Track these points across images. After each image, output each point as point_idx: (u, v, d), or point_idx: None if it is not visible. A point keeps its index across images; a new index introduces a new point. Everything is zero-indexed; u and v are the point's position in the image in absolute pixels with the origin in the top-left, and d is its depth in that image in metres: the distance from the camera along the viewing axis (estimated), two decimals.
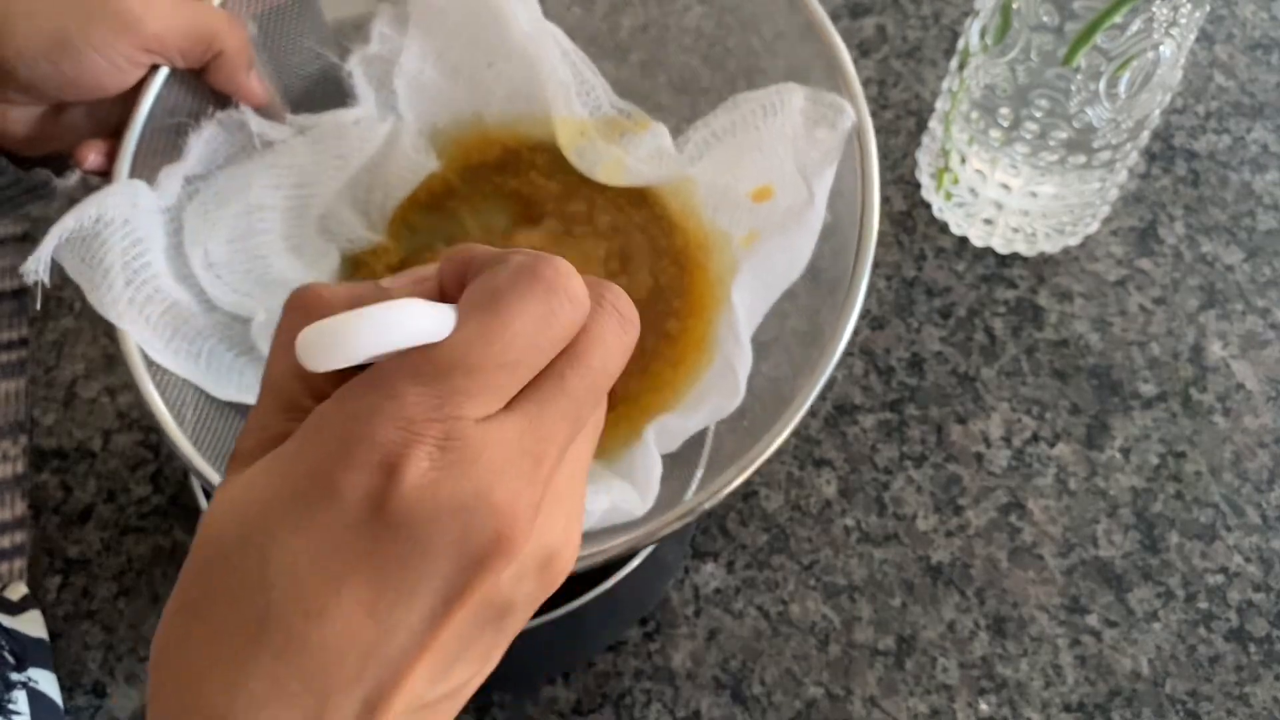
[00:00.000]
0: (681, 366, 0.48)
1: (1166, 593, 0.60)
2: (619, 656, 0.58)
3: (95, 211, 0.43)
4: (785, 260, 0.46)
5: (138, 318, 0.44)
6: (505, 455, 0.25)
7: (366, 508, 0.24)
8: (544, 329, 0.25)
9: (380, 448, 0.24)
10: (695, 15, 0.54)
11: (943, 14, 0.78)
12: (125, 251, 0.44)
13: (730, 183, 0.49)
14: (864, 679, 0.58)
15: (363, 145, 0.50)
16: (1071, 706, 0.57)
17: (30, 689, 0.54)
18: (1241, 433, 0.64)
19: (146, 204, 0.45)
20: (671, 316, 0.49)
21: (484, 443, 0.24)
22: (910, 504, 0.62)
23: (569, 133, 0.51)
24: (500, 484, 0.24)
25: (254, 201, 0.48)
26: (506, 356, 0.25)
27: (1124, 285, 0.69)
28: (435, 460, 0.24)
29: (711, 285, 0.49)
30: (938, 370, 0.66)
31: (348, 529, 0.24)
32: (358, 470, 0.24)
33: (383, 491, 0.23)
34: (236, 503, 0.25)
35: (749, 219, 0.49)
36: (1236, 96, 0.75)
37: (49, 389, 0.66)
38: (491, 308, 0.25)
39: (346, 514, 0.24)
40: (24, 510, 0.62)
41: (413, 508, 0.24)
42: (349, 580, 0.24)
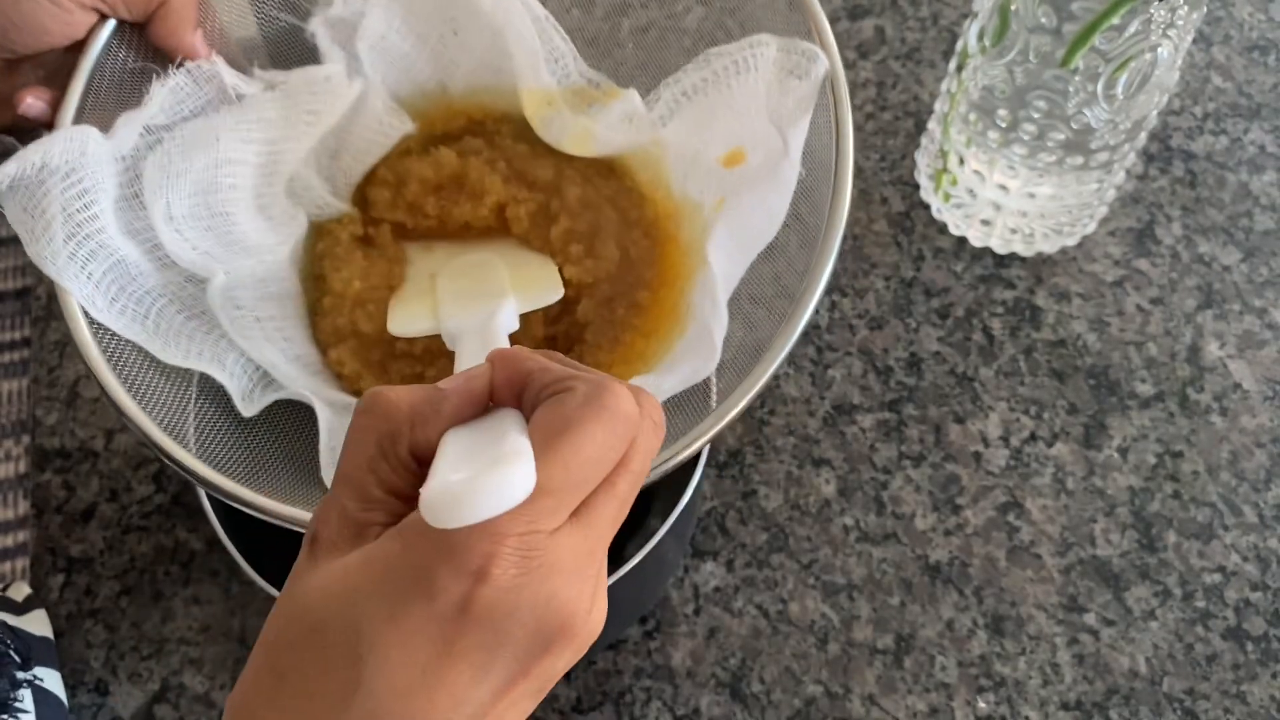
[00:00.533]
0: (654, 337, 0.48)
1: (1164, 592, 0.60)
2: (619, 655, 0.59)
3: (39, 158, 0.41)
4: (761, 217, 0.46)
5: (79, 274, 0.42)
6: (572, 559, 0.29)
7: (456, 607, 0.27)
8: (609, 452, 0.30)
9: (475, 558, 0.27)
10: (695, 17, 0.54)
11: (941, 16, 0.78)
12: (69, 203, 0.42)
13: (700, 148, 0.48)
14: (863, 677, 0.58)
15: (334, 102, 0.49)
16: (1069, 705, 0.57)
17: (36, 687, 0.54)
18: (1239, 432, 0.64)
19: (97, 151, 0.43)
20: (643, 288, 0.49)
21: (557, 551, 0.29)
22: (909, 503, 0.62)
23: (535, 103, 0.50)
24: (566, 586, 0.29)
25: (223, 155, 0.46)
26: (580, 480, 0.29)
27: (1121, 285, 0.69)
28: (519, 567, 0.28)
29: (683, 254, 0.49)
30: (936, 370, 0.66)
31: (438, 622, 0.27)
32: (453, 575, 0.27)
33: (473, 593, 0.27)
34: (333, 587, 0.29)
35: (719, 185, 0.48)
36: (1233, 98, 0.75)
37: (51, 389, 0.66)
38: (567, 439, 0.29)
39: (439, 609, 0.27)
40: (27, 509, 0.63)
41: (496, 606, 0.28)
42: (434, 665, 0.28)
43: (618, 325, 0.48)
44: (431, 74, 0.52)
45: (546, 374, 0.31)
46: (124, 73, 0.47)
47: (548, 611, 0.28)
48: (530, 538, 0.28)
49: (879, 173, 0.73)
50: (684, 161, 0.49)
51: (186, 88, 0.46)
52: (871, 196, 0.72)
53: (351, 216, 0.51)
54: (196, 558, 0.61)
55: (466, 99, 0.52)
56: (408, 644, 0.27)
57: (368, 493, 0.30)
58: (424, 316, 0.48)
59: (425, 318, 0.48)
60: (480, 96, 0.52)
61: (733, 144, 0.48)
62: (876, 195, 0.72)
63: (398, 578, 0.28)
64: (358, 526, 0.30)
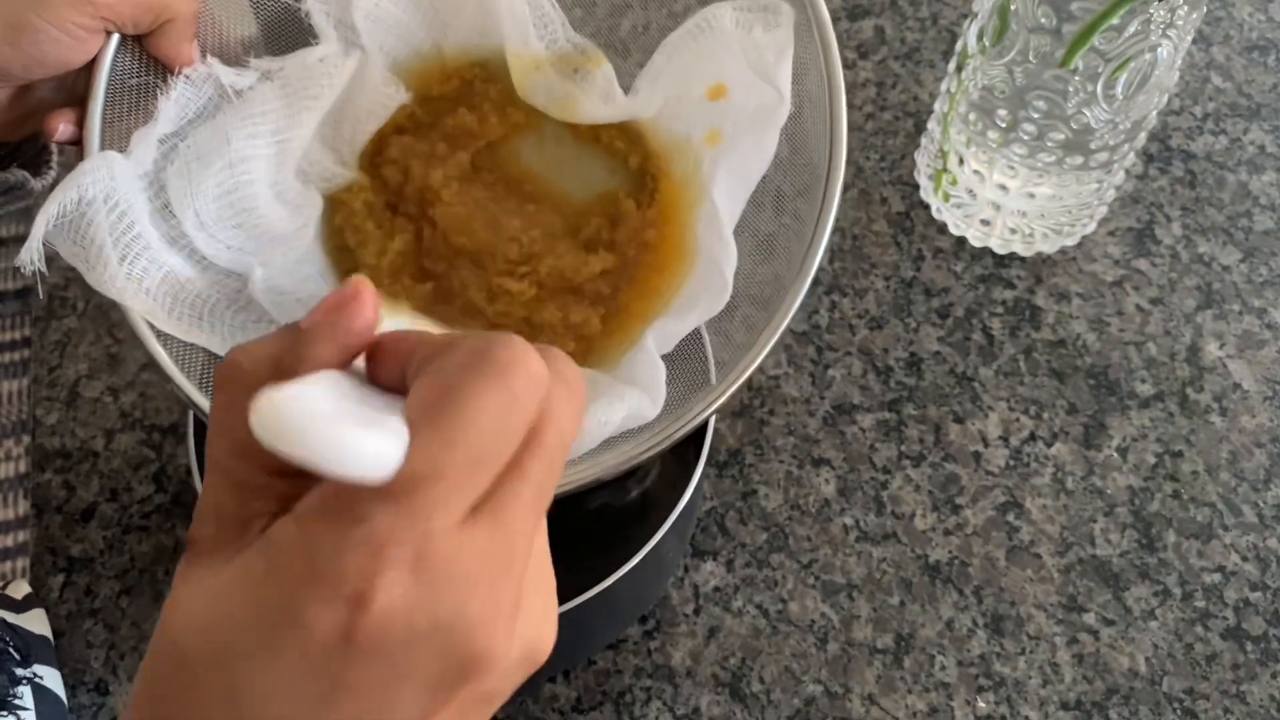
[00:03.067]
0: (666, 271, 0.49)
1: (1164, 591, 0.60)
2: (619, 654, 0.59)
3: (75, 193, 0.43)
4: (755, 155, 0.47)
5: (138, 291, 0.44)
6: (479, 564, 0.24)
7: (336, 638, 0.23)
8: (508, 418, 0.24)
9: (349, 580, 0.23)
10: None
11: (941, 16, 0.78)
12: (113, 226, 0.43)
13: (683, 92, 0.50)
14: (862, 677, 0.58)
15: (331, 82, 0.50)
16: (1069, 704, 0.58)
17: (35, 684, 0.54)
18: (1238, 432, 0.64)
19: (123, 173, 0.45)
20: (648, 226, 0.50)
21: (457, 555, 0.23)
22: (908, 503, 0.62)
23: (522, 68, 0.51)
24: (475, 597, 0.24)
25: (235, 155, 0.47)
26: (472, 458, 0.24)
27: (1121, 285, 0.69)
28: (407, 584, 0.23)
29: (678, 189, 0.50)
30: (936, 370, 0.66)
31: (320, 656, 0.23)
32: (326, 604, 0.23)
33: (353, 623, 0.23)
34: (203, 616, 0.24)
35: (706, 118, 0.49)
36: (1233, 98, 0.75)
37: (52, 388, 0.66)
38: (449, 407, 0.24)
39: (316, 645, 0.23)
40: (27, 509, 0.63)
41: (386, 635, 0.23)
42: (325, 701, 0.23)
43: (630, 264, 0.49)
44: (426, 36, 0.53)
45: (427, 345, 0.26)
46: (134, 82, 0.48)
47: (453, 634, 0.23)
48: (420, 543, 0.23)
49: (879, 172, 0.73)
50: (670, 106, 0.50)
51: (188, 94, 0.47)
52: (871, 196, 0.72)
53: (361, 184, 0.52)
54: None
55: (459, 60, 0.53)
56: (286, 687, 0.23)
57: (244, 480, 0.26)
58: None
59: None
60: (472, 57, 0.53)
61: (713, 80, 0.49)
62: (876, 195, 0.72)
63: (266, 607, 0.23)
64: (238, 523, 0.25)
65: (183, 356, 0.45)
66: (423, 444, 0.23)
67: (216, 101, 0.48)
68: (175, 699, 0.24)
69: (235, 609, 0.24)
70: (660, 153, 0.51)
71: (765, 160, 0.47)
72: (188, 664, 0.24)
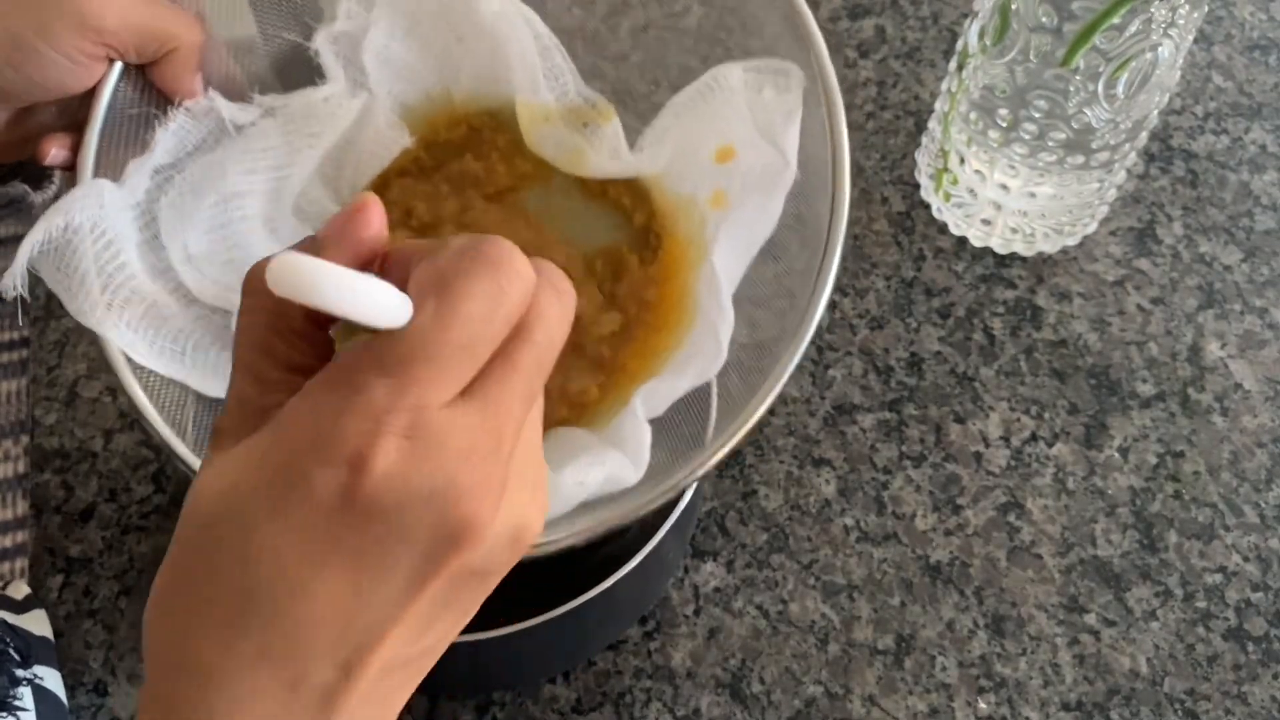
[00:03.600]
0: (664, 331, 0.48)
1: (1165, 592, 0.60)
2: (619, 655, 0.59)
3: (63, 220, 0.42)
4: (758, 220, 0.46)
5: (118, 322, 0.44)
6: (469, 440, 0.26)
7: (339, 498, 0.25)
8: (496, 307, 0.26)
9: (348, 443, 0.25)
10: (695, 16, 0.54)
11: (941, 15, 0.78)
12: (99, 255, 0.43)
13: (690, 151, 0.49)
14: (863, 678, 0.58)
15: (335, 122, 0.49)
16: (1070, 705, 0.57)
17: (35, 685, 0.54)
18: (1240, 432, 0.64)
19: (114, 202, 0.44)
20: (649, 284, 0.49)
21: (449, 429, 0.26)
22: (909, 503, 0.62)
23: (531, 117, 0.51)
24: (466, 468, 0.26)
25: (230, 189, 0.47)
26: (463, 339, 0.26)
27: (1122, 285, 0.69)
28: (402, 450, 0.25)
29: (682, 248, 0.49)
30: (936, 370, 0.66)
31: (323, 517, 0.25)
32: (328, 466, 0.25)
33: (353, 484, 0.25)
34: (220, 484, 0.27)
35: (712, 180, 0.48)
36: (1234, 97, 0.75)
37: (50, 389, 0.66)
38: (443, 293, 0.26)
39: (321, 504, 0.25)
40: (26, 509, 0.63)
41: (383, 496, 0.25)
42: (328, 561, 0.25)
43: (631, 323, 0.49)
44: (437, 80, 0.52)
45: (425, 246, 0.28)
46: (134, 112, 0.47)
47: (444, 500, 0.26)
48: (415, 413, 0.25)
49: (879, 172, 0.73)
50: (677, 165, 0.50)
51: (187, 126, 0.47)
52: (872, 196, 0.72)
53: None
54: None
55: (468, 105, 0.53)
56: (293, 546, 0.25)
57: (264, 375, 0.28)
58: None
59: None
60: (481, 104, 0.53)
61: (720, 142, 0.48)
62: (877, 195, 0.72)
63: (274, 471, 0.26)
64: (259, 412, 0.28)
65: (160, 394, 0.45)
66: (417, 324, 0.26)
67: (216, 135, 0.47)
68: (196, 557, 0.27)
69: (249, 475, 0.26)
70: (666, 211, 0.50)
71: (770, 224, 0.46)
72: (207, 525, 0.27)
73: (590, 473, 0.42)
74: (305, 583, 0.26)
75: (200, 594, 0.27)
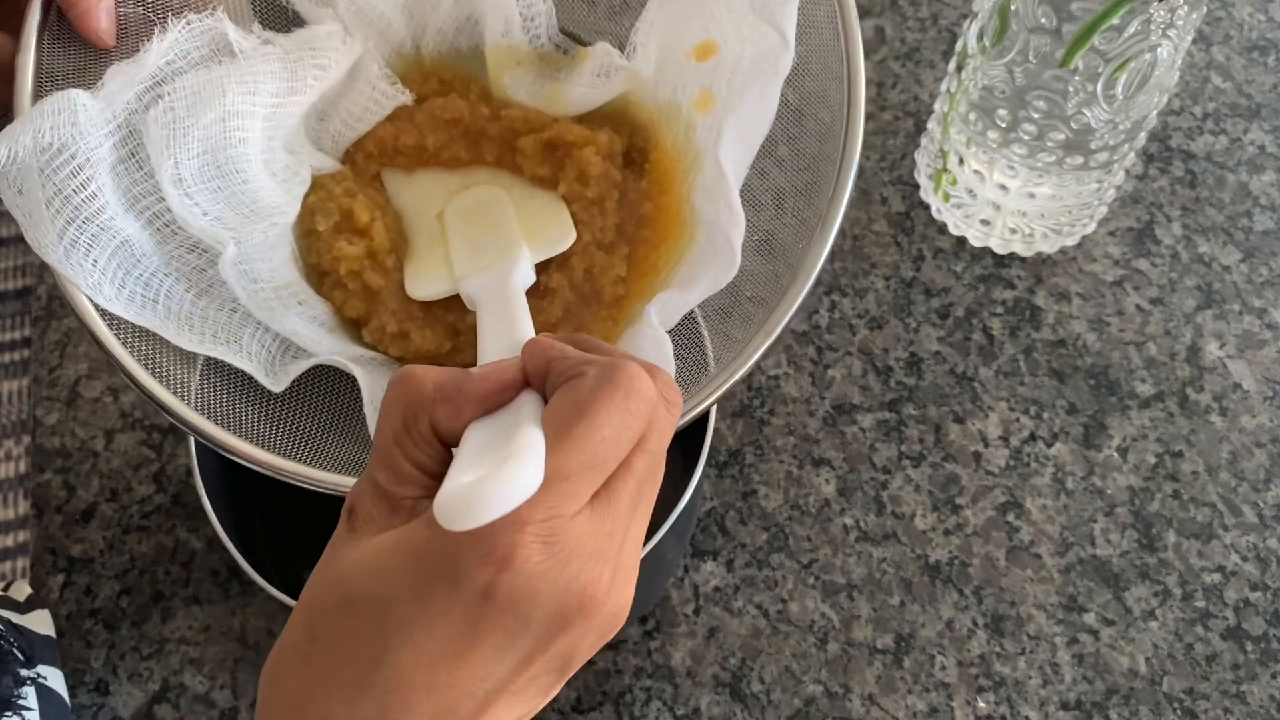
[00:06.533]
0: (663, 245, 0.48)
1: (1164, 591, 0.60)
2: (619, 654, 0.59)
3: (29, 138, 0.39)
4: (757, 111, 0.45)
5: (83, 261, 0.40)
6: (592, 543, 0.30)
7: (479, 593, 0.29)
8: (624, 431, 0.30)
9: (500, 547, 0.28)
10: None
11: (941, 16, 0.78)
12: (64, 183, 0.39)
13: (668, 53, 0.47)
14: (863, 677, 0.58)
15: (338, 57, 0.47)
16: (1069, 704, 0.58)
17: (39, 685, 0.54)
18: (1238, 432, 0.64)
19: (88, 117, 0.40)
20: (642, 199, 0.48)
21: (577, 536, 0.29)
22: (908, 503, 0.62)
23: (502, 61, 0.49)
24: (587, 568, 0.30)
25: (230, 108, 0.43)
26: (596, 460, 0.30)
27: (1121, 285, 0.69)
28: (542, 554, 0.29)
29: (670, 159, 0.48)
30: (936, 370, 0.66)
31: (463, 605, 0.29)
32: (480, 563, 0.28)
33: (496, 580, 0.29)
34: (367, 563, 0.30)
35: (695, 81, 0.47)
36: (1233, 98, 0.75)
37: (52, 388, 0.66)
38: (581, 421, 0.30)
39: (464, 595, 0.29)
40: (27, 509, 0.63)
41: (519, 592, 0.29)
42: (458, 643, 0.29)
43: (629, 241, 0.48)
44: (406, 33, 0.51)
45: (565, 361, 0.32)
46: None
47: (568, 594, 0.29)
48: (551, 524, 0.29)
49: (879, 172, 0.73)
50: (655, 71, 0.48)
51: (184, 41, 0.44)
52: (871, 196, 0.72)
53: (344, 173, 0.49)
54: (196, 558, 0.61)
55: (436, 60, 0.51)
56: (433, 624, 0.29)
57: (397, 466, 0.32)
58: (441, 277, 0.47)
59: (443, 278, 0.47)
60: (449, 58, 0.51)
61: (700, 37, 0.46)
62: (876, 195, 0.72)
63: (426, 563, 0.29)
64: (391, 500, 0.31)
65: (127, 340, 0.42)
66: (559, 452, 0.29)
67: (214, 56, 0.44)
68: (333, 624, 0.30)
69: (399, 563, 0.29)
70: (648, 123, 0.49)
71: (769, 116, 0.45)
72: (352, 599, 0.30)
73: None
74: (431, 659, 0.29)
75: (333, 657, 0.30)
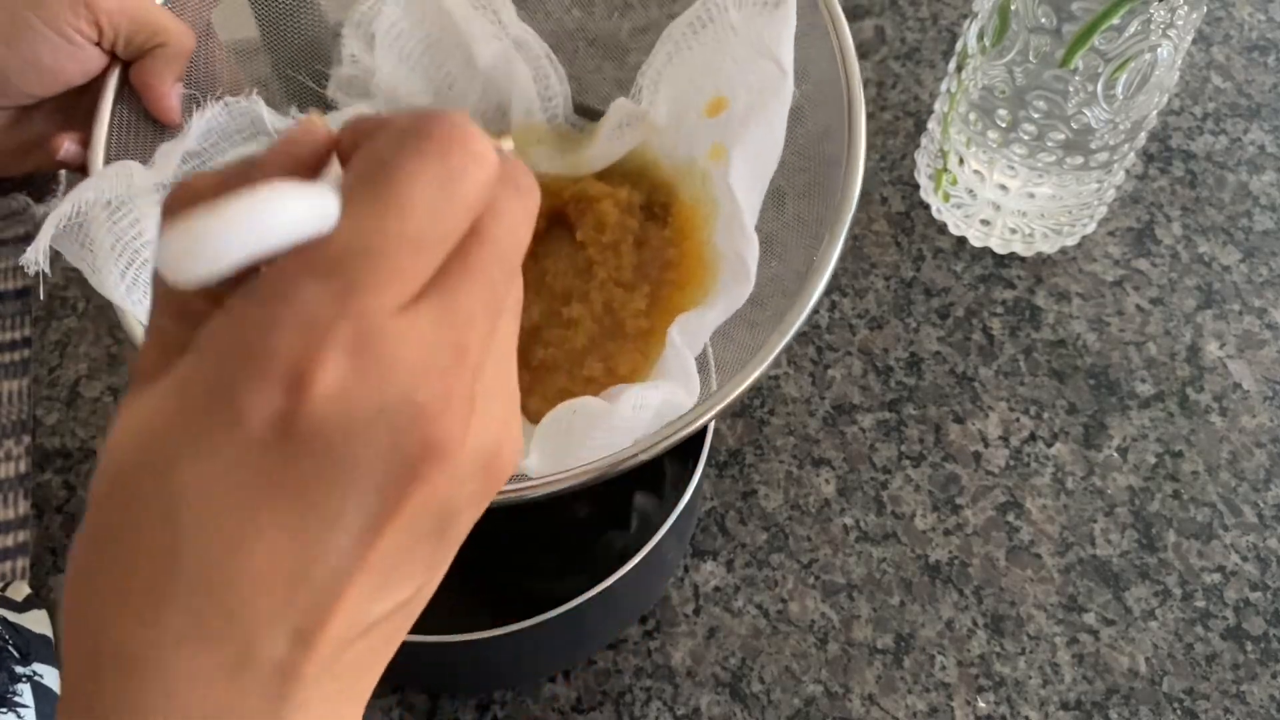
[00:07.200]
0: (688, 287, 0.49)
1: (1164, 591, 0.60)
2: (619, 654, 0.59)
3: (91, 195, 0.43)
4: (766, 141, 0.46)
5: (143, 299, 0.44)
6: (425, 352, 0.22)
7: (274, 428, 0.21)
8: (445, 194, 0.22)
9: (282, 359, 0.21)
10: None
11: (941, 16, 0.78)
12: (123, 232, 0.43)
13: (681, 113, 0.50)
14: (862, 677, 0.58)
15: None
16: (1069, 704, 0.58)
17: (36, 683, 0.54)
18: (1238, 432, 0.64)
19: (142, 182, 0.45)
20: (667, 246, 0.50)
21: (400, 339, 0.22)
22: (908, 503, 0.62)
23: (525, 139, 0.52)
24: (424, 383, 0.22)
25: None
26: (408, 231, 0.22)
27: (1121, 285, 0.69)
28: (347, 365, 0.21)
29: (690, 208, 0.50)
30: (936, 370, 0.66)
31: (257, 452, 0.21)
32: (259, 389, 0.21)
33: (290, 409, 0.21)
34: (136, 425, 0.22)
35: (708, 136, 0.49)
36: (1233, 98, 0.75)
37: (52, 388, 0.66)
38: (381, 179, 0.22)
39: (253, 436, 0.21)
40: (27, 509, 0.63)
41: (326, 422, 0.21)
42: (265, 506, 0.21)
43: (652, 282, 0.50)
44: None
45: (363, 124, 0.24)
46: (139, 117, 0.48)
47: (400, 421, 0.22)
48: (358, 321, 0.21)
49: (879, 173, 0.73)
50: (670, 132, 0.51)
51: (221, 117, 0.47)
52: (871, 196, 0.72)
53: None
54: None
55: None
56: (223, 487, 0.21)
57: (185, 305, 0.24)
58: None
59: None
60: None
61: (711, 95, 0.49)
62: (876, 195, 0.72)
63: (197, 403, 0.21)
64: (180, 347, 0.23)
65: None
66: (353, 215, 0.22)
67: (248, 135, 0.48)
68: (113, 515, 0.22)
69: (168, 413, 0.22)
70: (668, 180, 0.51)
71: (777, 145, 0.46)
72: (123, 477, 0.22)
73: (647, 395, 0.42)
74: (240, 534, 0.21)
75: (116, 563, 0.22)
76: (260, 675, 0.22)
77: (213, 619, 0.22)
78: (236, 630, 0.22)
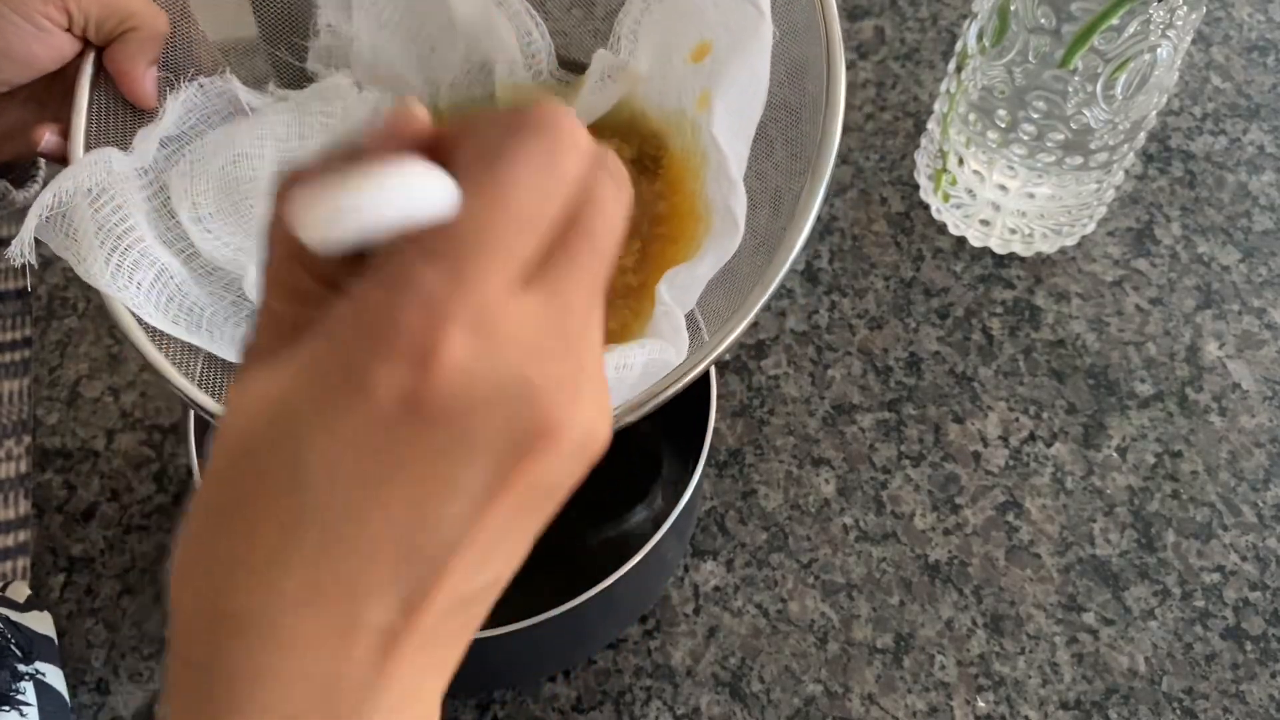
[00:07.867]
0: (680, 240, 0.48)
1: (1163, 591, 0.60)
2: (619, 654, 0.59)
3: (71, 184, 0.43)
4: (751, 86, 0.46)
5: (128, 284, 0.43)
6: (535, 333, 0.23)
7: (401, 403, 0.22)
8: (551, 178, 0.23)
9: (408, 338, 0.22)
10: None
11: (940, 16, 0.78)
12: (106, 219, 0.43)
13: (666, 60, 0.49)
14: (862, 676, 0.58)
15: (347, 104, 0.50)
16: (1068, 704, 0.58)
17: (38, 681, 0.54)
18: (1238, 432, 0.64)
19: (121, 168, 0.44)
20: (658, 199, 0.50)
21: (516, 319, 0.22)
22: (908, 503, 0.63)
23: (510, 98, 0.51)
24: (536, 364, 0.23)
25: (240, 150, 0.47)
26: (519, 215, 0.23)
27: (1120, 285, 0.69)
28: (468, 344, 0.22)
29: (681, 159, 0.50)
30: (935, 370, 0.66)
31: (384, 426, 0.22)
32: (387, 366, 0.22)
33: (418, 384, 0.22)
34: (263, 400, 0.23)
35: (695, 83, 0.48)
36: (1233, 98, 0.75)
37: (52, 388, 0.66)
38: (493, 166, 0.23)
39: (382, 410, 0.22)
40: (27, 509, 0.63)
41: (450, 398, 0.22)
42: (388, 478, 0.22)
43: (644, 236, 0.49)
44: (423, 89, 0.53)
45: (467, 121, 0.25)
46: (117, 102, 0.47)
47: (517, 400, 0.22)
48: (479, 305, 0.22)
49: (878, 173, 0.73)
50: (657, 82, 0.50)
51: (197, 99, 0.47)
52: (871, 196, 0.72)
53: None
54: None
55: (452, 108, 0.54)
56: (350, 462, 0.22)
57: (298, 286, 0.25)
58: None
59: None
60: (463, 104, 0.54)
61: (695, 40, 0.48)
62: (876, 195, 0.72)
63: (328, 379, 0.22)
64: (294, 329, 0.24)
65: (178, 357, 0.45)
66: (466, 201, 0.23)
67: (227, 114, 0.48)
68: (239, 485, 0.23)
69: (297, 388, 0.23)
70: (657, 131, 0.50)
71: (761, 90, 0.45)
72: (250, 449, 0.23)
73: (631, 354, 0.42)
74: (361, 504, 0.22)
75: (240, 530, 0.23)
76: (367, 642, 0.23)
77: (329, 585, 0.22)
78: (348, 596, 0.23)
